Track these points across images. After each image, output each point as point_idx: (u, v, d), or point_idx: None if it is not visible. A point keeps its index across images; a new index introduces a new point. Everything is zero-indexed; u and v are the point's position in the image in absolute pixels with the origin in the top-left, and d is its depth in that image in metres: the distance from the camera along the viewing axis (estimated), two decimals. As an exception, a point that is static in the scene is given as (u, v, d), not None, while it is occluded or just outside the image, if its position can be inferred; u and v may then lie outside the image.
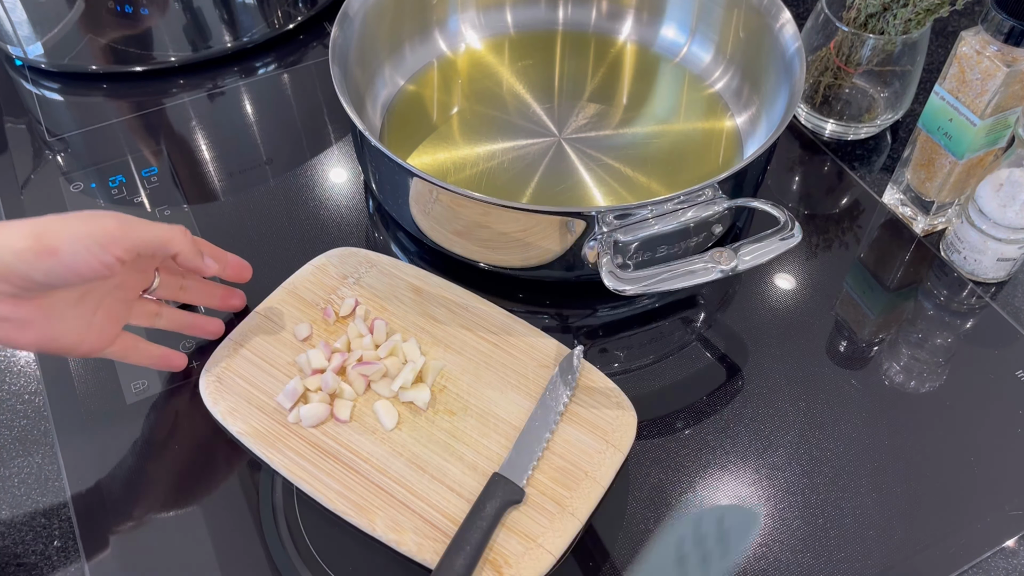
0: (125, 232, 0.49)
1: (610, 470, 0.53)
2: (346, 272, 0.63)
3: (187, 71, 0.82)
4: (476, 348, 0.59)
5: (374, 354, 0.58)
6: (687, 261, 0.55)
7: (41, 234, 0.46)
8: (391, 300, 0.61)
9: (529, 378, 0.58)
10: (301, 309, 0.61)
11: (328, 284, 0.62)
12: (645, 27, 0.82)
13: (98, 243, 0.47)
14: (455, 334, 0.60)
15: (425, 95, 0.77)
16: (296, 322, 0.60)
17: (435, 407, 0.56)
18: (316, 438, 0.55)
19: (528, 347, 0.59)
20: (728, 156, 0.73)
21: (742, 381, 0.61)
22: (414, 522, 0.51)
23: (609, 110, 0.76)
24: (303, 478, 0.53)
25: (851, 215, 0.72)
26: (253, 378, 0.57)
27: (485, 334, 0.60)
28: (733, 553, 0.53)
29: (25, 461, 0.56)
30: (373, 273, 0.63)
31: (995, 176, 0.62)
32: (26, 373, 0.61)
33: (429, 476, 0.53)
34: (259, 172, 0.74)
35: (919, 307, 0.66)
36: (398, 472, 0.53)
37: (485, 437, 0.55)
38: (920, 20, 0.69)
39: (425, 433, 0.55)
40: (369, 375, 0.57)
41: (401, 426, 0.55)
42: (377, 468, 0.53)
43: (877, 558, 0.53)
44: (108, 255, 0.48)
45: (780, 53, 0.69)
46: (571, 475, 0.53)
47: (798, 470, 0.56)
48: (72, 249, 0.46)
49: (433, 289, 0.62)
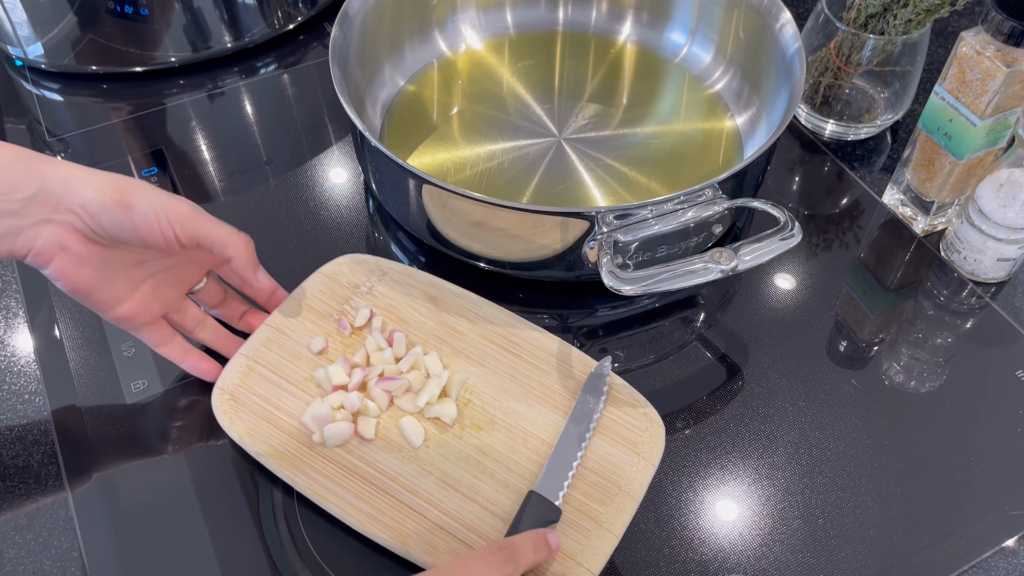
0: (194, 218, 0.52)
1: (643, 483, 0.52)
2: (358, 281, 0.61)
3: (187, 71, 0.82)
4: (498, 359, 0.57)
5: (396, 368, 0.56)
6: (687, 261, 0.55)
7: (125, 187, 0.50)
8: (407, 310, 0.60)
9: (554, 389, 0.56)
10: (314, 321, 0.59)
11: (340, 294, 0.60)
12: (645, 27, 0.82)
13: (168, 216, 0.51)
14: (476, 345, 0.58)
15: (425, 95, 0.77)
16: (309, 335, 0.58)
17: (461, 422, 0.55)
18: (341, 458, 0.53)
19: (550, 356, 0.57)
20: (728, 156, 0.73)
21: (742, 381, 0.61)
22: (449, 543, 0.49)
23: (609, 110, 0.76)
24: (332, 501, 0.51)
25: (851, 215, 0.72)
26: (270, 396, 0.55)
27: (506, 344, 0.58)
28: (733, 553, 0.53)
29: (24, 461, 0.56)
30: (386, 281, 0.61)
31: (995, 176, 0.62)
32: (26, 373, 0.61)
33: (461, 495, 0.51)
34: (259, 172, 0.74)
35: (919, 307, 0.66)
36: (428, 491, 0.51)
37: (515, 453, 0.53)
38: (920, 20, 0.69)
39: (453, 450, 0.53)
40: (392, 391, 0.55)
41: (428, 443, 0.53)
42: (407, 488, 0.51)
43: (877, 558, 0.53)
44: (171, 231, 0.51)
45: (780, 53, 0.69)
46: (605, 490, 0.51)
47: (798, 470, 0.56)
48: (144, 211, 0.50)
49: (449, 298, 0.60)
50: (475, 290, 0.62)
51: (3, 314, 0.64)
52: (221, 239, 0.53)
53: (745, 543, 0.53)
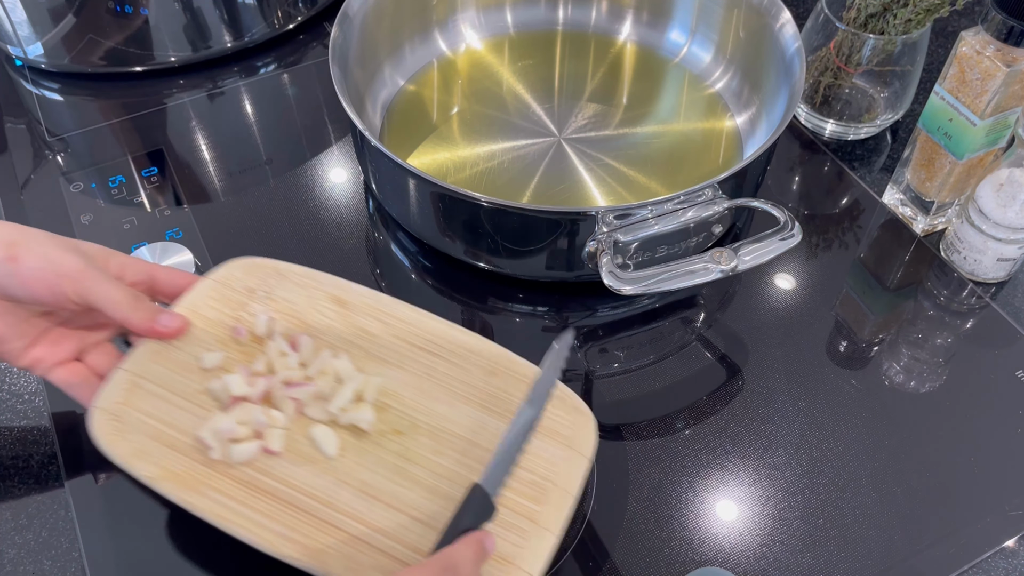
0: (83, 278, 0.49)
1: (578, 478, 0.49)
2: (253, 285, 0.55)
3: (187, 71, 0.82)
4: (415, 360, 0.53)
5: (303, 374, 0.51)
6: (687, 261, 0.55)
7: (15, 241, 0.48)
8: (311, 314, 0.54)
9: (478, 387, 0.52)
10: (205, 330, 0.53)
11: (234, 300, 0.54)
12: (645, 27, 0.82)
13: (56, 273, 0.48)
14: (390, 346, 0.53)
15: (425, 95, 0.77)
16: (202, 345, 0.52)
17: (380, 428, 0.50)
18: (247, 475, 0.47)
19: (471, 354, 0.53)
20: (728, 156, 0.73)
21: (742, 381, 0.61)
22: (374, 558, 0.45)
23: (609, 110, 0.76)
24: (235, 522, 0.46)
25: (851, 215, 0.72)
26: (160, 413, 0.49)
27: (423, 343, 0.54)
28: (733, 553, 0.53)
29: (24, 463, 0.56)
30: (286, 285, 0.55)
31: (995, 176, 0.62)
32: (26, 373, 0.61)
33: (384, 504, 0.47)
34: (259, 172, 0.74)
35: (919, 307, 0.66)
36: (347, 504, 0.47)
37: (440, 455, 0.49)
38: (920, 20, 0.69)
39: (372, 457, 0.49)
40: (302, 398, 0.50)
41: (344, 452, 0.49)
42: (323, 502, 0.47)
43: (877, 558, 0.53)
44: (60, 289, 0.48)
45: (780, 53, 0.69)
46: (539, 488, 0.48)
47: (798, 470, 0.56)
48: (32, 267, 0.48)
49: (356, 299, 0.55)
50: (475, 289, 0.61)
51: (3, 314, 0.64)
52: (110, 302, 0.49)
53: (745, 543, 0.53)
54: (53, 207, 0.70)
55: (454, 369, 0.53)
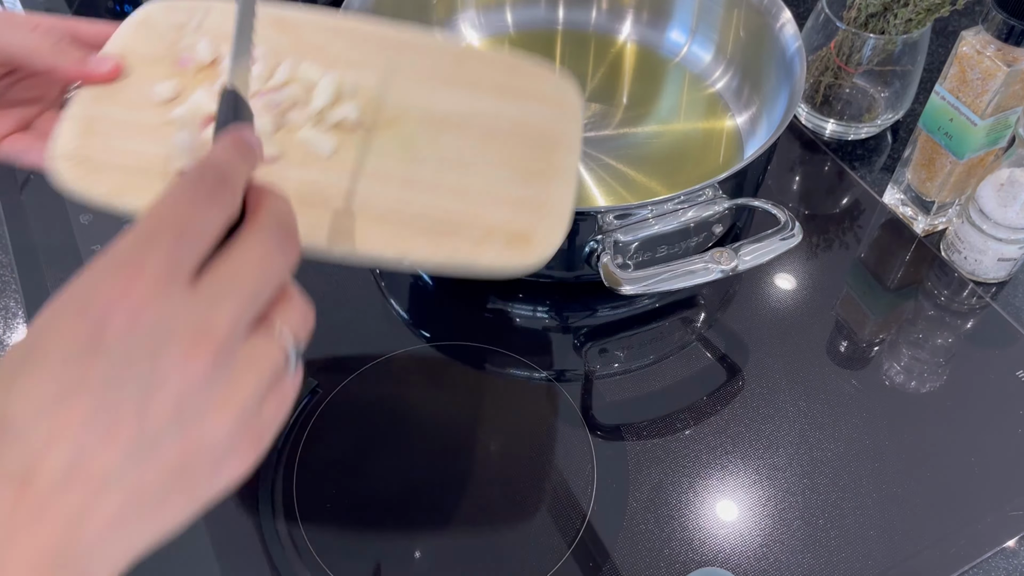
0: None
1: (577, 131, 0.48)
2: (180, 21, 0.50)
3: (187, 71, 0.82)
4: (380, 54, 0.50)
5: (272, 85, 0.47)
6: (687, 261, 0.55)
7: None
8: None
9: (449, 72, 0.50)
10: (144, 69, 0.48)
11: (165, 37, 0.50)
12: (645, 27, 0.82)
13: None
14: (350, 49, 0.50)
15: (425, 94, 0.77)
16: (149, 80, 0.47)
17: (369, 123, 0.47)
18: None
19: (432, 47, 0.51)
20: (728, 156, 0.73)
21: (742, 381, 0.61)
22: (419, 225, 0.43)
23: (609, 110, 0.76)
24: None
25: (851, 215, 0.72)
26: (129, 147, 0.44)
27: (387, 44, 0.50)
28: (733, 554, 0.53)
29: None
30: (214, 16, 0.51)
31: (996, 176, 0.62)
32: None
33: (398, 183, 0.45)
34: (259, 172, 0.74)
35: (919, 307, 0.66)
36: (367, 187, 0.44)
37: (440, 135, 0.47)
38: (921, 20, 0.69)
39: (374, 147, 0.46)
40: (280, 101, 0.46)
41: (342, 149, 0.46)
42: (341, 194, 0.44)
43: (877, 558, 0.53)
44: None
45: (780, 53, 0.69)
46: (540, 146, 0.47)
47: (798, 470, 0.56)
48: None
49: (300, 16, 0.51)
50: (475, 290, 0.61)
51: (2, 314, 0.64)
52: (28, 49, 0.44)
53: (745, 543, 0.53)
54: (53, 208, 0.70)
55: (422, 59, 0.50)
